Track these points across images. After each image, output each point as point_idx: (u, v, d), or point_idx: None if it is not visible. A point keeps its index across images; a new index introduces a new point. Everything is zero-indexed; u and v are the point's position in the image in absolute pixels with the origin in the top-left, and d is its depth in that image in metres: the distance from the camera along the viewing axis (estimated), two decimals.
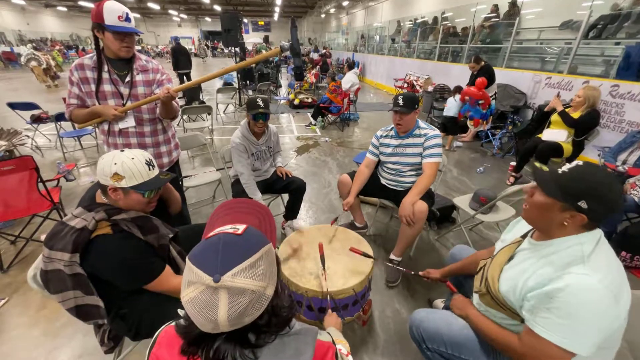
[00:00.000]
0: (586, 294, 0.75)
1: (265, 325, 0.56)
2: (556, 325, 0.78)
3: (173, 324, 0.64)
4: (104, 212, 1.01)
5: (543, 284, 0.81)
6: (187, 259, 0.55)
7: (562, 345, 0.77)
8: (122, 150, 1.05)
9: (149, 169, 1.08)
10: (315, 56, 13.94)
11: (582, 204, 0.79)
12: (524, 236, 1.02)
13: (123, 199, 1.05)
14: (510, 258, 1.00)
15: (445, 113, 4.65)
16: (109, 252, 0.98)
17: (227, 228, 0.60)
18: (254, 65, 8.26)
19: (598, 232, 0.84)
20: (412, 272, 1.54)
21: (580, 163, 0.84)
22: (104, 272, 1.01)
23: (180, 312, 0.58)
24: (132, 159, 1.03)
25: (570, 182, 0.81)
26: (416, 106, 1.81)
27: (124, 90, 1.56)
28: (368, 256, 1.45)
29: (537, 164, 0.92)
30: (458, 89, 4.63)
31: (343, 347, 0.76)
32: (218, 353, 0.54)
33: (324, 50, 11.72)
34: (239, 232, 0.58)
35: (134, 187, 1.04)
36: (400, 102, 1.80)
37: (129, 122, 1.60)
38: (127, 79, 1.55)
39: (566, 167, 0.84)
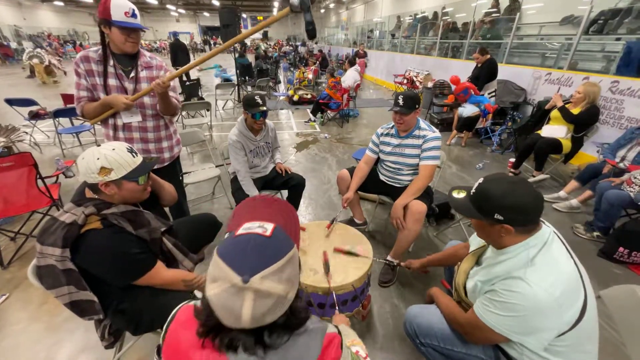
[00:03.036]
0: (519, 295, 0.81)
1: (283, 324, 0.58)
2: (491, 313, 0.88)
3: (192, 303, 0.66)
4: (93, 206, 1.00)
5: (491, 284, 0.91)
6: (215, 253, 0.56)
7: (493, 328, 0.88)
8: (99, 145, 1.03)
9: (133, 156, 1.07)
10: (302, 50, 13.75)
11: (498, 217, 0.85)
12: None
13: (118, 192, 1.05)
14: (478, 263, 1.06)
15: (467, 115, 4.36)
16: (98, 247, 0.97)
17: (256, 227, 0.60)
18: (252, 62, 8.22)
19: (546, 233, 0.88)
20: (395, 262, 1.63)
21: (481, 180, 0.91)
22: (94, 267, 1.00)
23: (198, 294, 0.60)
24: (114, 149, 1.03)
25: (479, 202, 0.89)
26: (417, 106, 1.77)
27: (129, 86, 1.57)
28: (351, 254, 1.46)
29: (455, 192, 0.99)
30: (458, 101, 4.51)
31: (361, 349, 0.76)
32: (233, 342, 0.55)
33: (358, 48, 9.99)
34: (268, 233, 0.59)
35: (126, 177, 1.03)
36: (400, 102, 1.75)
37: (135, 117, 1.61)
38: (132, 74, 1.56)
39: (474, 186, 0.92)
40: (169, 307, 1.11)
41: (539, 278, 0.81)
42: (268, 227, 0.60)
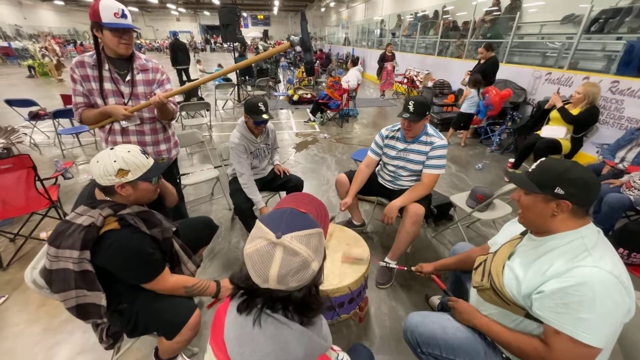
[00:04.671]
0: (601, 285, 0.75)
1: (299, 300, 0.61)
2: (578, 320, 0.76)
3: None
4: (109, 208, 1.03)
5: (552, 279, 0.81)
6: (257, 220, 0.65)
7: (585, 341, 0.76)
8: (112, 148, 1.05)
9: (146, 157, 1.11)
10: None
11: (559, 191, 0.85)
12: (523, 234, 1.04)
13: (133, 192, 1.08)
14: (511, 254, 1.02)
15: (463, 110, 4.32)
16: (119, 246, 1.01)
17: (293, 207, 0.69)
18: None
19: (596, 228, 0.87)
20: (405, 268, 1.56)
21: (544, 159, 0.94)
22: (114, 266, 1.03)
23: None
24: (129, 151, 1.05)
25: (540, 175, 0.90)
26: (427, 113, 1.71)
27: (125, 89, 1.57)
28: (359, 260, 1.45)
29: (511, 170, 1.00)
30: (477, 82, 4.18)
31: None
32: (247, 304, 0.63)
33: (385, 49, 8.29)
34: (302, 210, 0.68)
35: (141, 178, 1.07)
36: (411, 108, 1.68)
37: (133, 121, 1.62)
38: (128, 78, 1.56)
39: (533, 165, 0.95)
40: (164, 313, 1.13)
41: (603, 263, 0.78)
42: (304, 210, 0.69)
